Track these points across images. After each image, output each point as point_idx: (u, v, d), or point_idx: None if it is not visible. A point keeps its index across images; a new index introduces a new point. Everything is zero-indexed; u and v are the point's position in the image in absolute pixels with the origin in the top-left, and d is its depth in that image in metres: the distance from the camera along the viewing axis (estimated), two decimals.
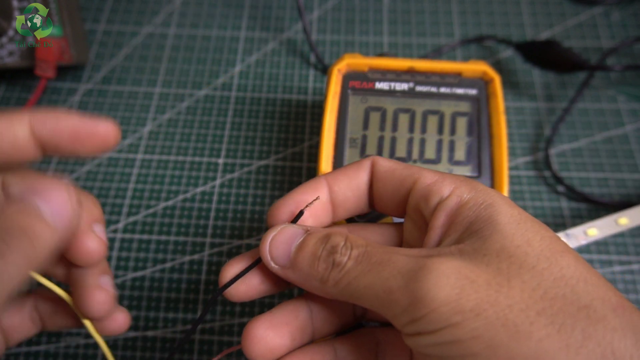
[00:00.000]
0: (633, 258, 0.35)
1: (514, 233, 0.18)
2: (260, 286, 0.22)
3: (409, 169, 0.22)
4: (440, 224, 0.20)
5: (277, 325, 0.21)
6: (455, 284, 0.17)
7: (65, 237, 0.18)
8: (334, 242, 0.20)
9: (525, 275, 0.17)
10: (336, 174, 0.23)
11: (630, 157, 0.39)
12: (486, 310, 0.16)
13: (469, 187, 0.21)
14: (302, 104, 0.42)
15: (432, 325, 0.17)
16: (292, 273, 0.21)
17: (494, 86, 0.32)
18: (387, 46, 0.45)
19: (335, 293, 0.20)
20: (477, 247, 0.18)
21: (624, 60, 0.43)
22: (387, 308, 0.18)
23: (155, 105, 0.42)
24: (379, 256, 0.19)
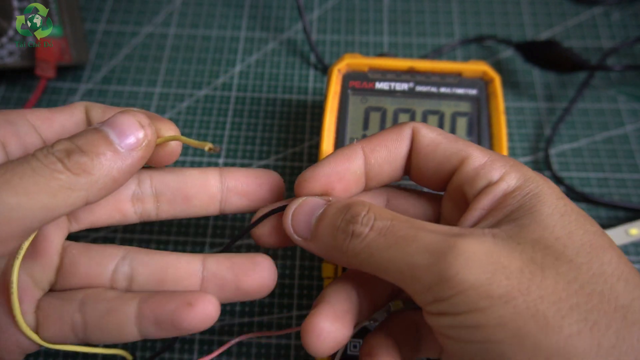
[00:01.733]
0: (633, 258, 0.35)
1: (554, 225, 0.18)
2: (285, 237, 0.22)
3: (455, 143, 0.21)
4: (481, 207, 0.19)
5: (341, 316, 0.20)
6: (486, 268, 0.16)
7: (142, 159, 0.20)
8: (354, 211, 0.19)
9: (561, 267, 0.16)
10: (374, 143, 0.22)
11: (630, 157, 0.39)
12: (516, 298, 0.16)
13: (519, 173, 0.20)
14: (302, 104, 0.42)
15: (457, 308, 0.16)
16: (314, 244, 0.21)
17: (494, 86, 0.32)
18: (387, 46, 0.45)
19: (357, 264, 0.19)
20: (513, 234, 0.18)
21: (624, 60, 0.43)
22: (409, 284, 0.18)
23: (155, 105, 0.42)
24: (406, 230, 0.18)
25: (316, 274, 0.35)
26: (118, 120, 0.20)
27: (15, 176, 0.17)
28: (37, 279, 0.21)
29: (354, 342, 0.28)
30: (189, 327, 0.21)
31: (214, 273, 0.22)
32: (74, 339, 0.21)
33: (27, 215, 0.17)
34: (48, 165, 0.18)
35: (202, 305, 0.21)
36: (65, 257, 0.22)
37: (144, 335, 0.21)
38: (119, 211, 0.23)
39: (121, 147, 0.19)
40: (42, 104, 0.42)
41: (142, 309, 0.21)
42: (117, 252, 0.23)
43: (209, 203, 0.24)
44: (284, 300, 0.34)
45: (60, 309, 0.21)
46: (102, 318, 0.21)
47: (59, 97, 0.42)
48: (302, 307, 0.33)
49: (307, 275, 0.34)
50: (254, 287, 0.22)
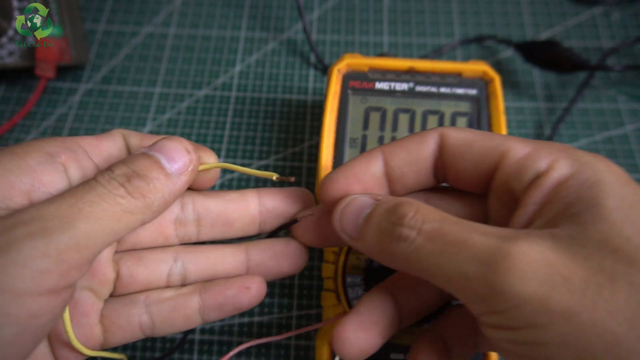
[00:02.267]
0: None
1: (623, 221, 0.15)
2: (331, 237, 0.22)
3: (491, 139, 0.19)
4: (532, 201, 0.18)
5: (366, 326, 0.20)
6: (544, 280, 0.14)
7: (187, 183, 0.22)
8: (401, 212, 0.18)
9: (635, 277, 0.14)
10: (394, 146, 0.21)
11: (630, 157, 0.39)
12: (580, 314, 0.14)
13: (572, 159, 0.18)
14: (302, 104, 0.42)
15: (514, 322, 0.15)
16: (361, 244, 0.20)
17: (494, 86, 0.32)
18: (387, 46, 0.45)
19: (405, 267, 0.18)
20: (574, 235, 0.15)
21: (624, 60, 0.43)
22: (461, 293, 0.16)
23: (155, 106, 0.42)
24: (454, 235, 0.17)
25: (316, 274, 0.35)
26: (166, 146, 0.21)
27: (86, 204, 0.18)
28: (98, 292, 0.23)
29: None
30: (248, 306, 0.24)
31: (258, 262, 0.24)
32: (141, 336, 0.23)
33: (98, 242, 0.18)
34: (112, 191, 0.19)
35: (257, 287, 0.24)
36: (121, 269, 0.23)
37: (205, 320, 0.24)
38: (162, 234, 0.24)
39: (171, 171, 0.21)
40: (42, 104, 0.42)
41: (204, 299, 0.23)
42: (167, 256, 0.24)
43: (250, 225, 0.25)
44: (284, 300, 0.34)
45: (126, 314, 0.23)
46: (169, 314, 0.23)
47: (59, 97, 0.42)
48: (302, 307, 0.33)
49: (307, 275, 0.34)
50: (291, 268, 0.25)
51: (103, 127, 0.41)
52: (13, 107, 0.42)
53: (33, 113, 0.41)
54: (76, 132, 0.40)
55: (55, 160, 0.20)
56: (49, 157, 0.20)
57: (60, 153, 0.21)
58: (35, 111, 0.42)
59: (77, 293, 0.22)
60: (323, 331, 0.28)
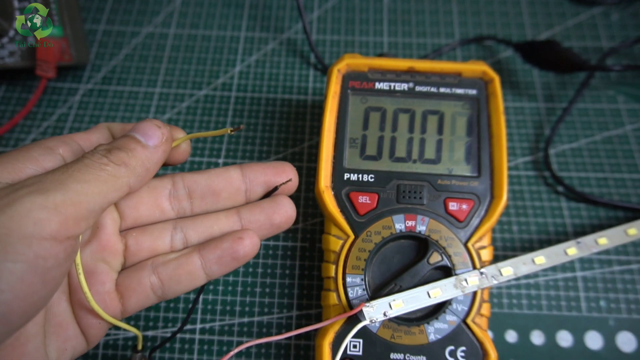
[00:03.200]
0: (632, 258, 0.35)
1: None
2: None
3: None
4: None
5: None
6: None
7: (164, 152, 0.25)
8: None
9: None
10: None
11: (629, 157, 0.39)
12: None
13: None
14: (302, 104, 0.42)
15: None
16: None
17: (494, 86, 0.32)
18: (387, 46, 0.45)
19: None
20: None
21: (623, 61, 0.43)
22: None
23: (155, 106, 0.42)
24: None
25: (316, 273, 0.35)
26: (140, 125, 0.25)
27: (75, 170, 0.22)
28: (111, 263, 0.26)
29: (353, 342, 0.28)
30: (243, 255, 0.26)
31: (250, 220, 0.27)
32: (154, 298, 0.26)
33: (90, 199, 0.21)
34: (96, 160, 0.22)
35: (249, 237, 0.26)
36: (128, 240, 0.27)
37: (210, 276, 0.26)
38: (158, 208, 0.28)
39: (147, 143, 0.24)
40: (43, 104, 0.42)
41: (204, 255, 0.26)
42: (167, 226, 0.27)
43: (236, 194, 0.28)
44: (284, 300, 0.34)
45: (137, 278, 0.26)
46: (175, 272, 0.26)
47: (59, 97, 0.42)
48: (302, 307, 0.33)
49: (307, 275, 0.35)
50: (283, 220, 0.28)
51: None
52: (14, 107, 0.42)
53: (34, 113, 0.42)
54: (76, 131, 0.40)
55: (54, 152, 0.24)
56: (49, 149, 0.24)
57: (59, 146, 0.24)
58: (36, 111, 0.42)
59: (93, 265, 0.25)
60: (323, 331, 0.28)
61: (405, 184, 0.30)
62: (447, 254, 0.29)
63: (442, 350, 0.28)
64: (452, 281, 0.28)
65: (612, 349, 0.32)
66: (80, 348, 0.25)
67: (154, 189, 0.28)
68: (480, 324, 0.28)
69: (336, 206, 0.30)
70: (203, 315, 0.33)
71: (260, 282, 0.34)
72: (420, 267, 0.29)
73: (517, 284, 0.34)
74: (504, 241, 0.36)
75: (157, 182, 0.28)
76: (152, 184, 0.28)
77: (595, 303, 0.33)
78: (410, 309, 0.27)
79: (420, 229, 0.29)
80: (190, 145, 0.28)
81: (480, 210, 0.30)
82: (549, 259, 0.30)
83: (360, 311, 0.27)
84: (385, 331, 0.28)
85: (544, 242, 0.35)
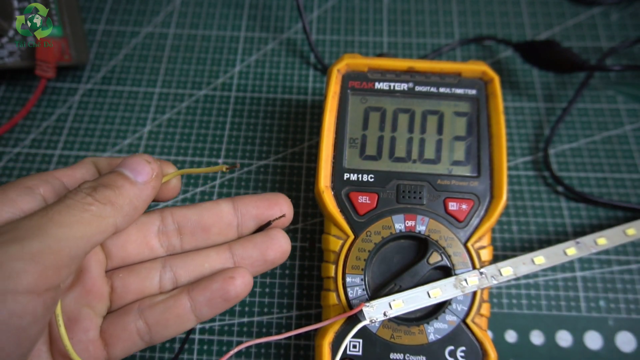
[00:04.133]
0: (632, 258, 0.35)
1: None
2: None
3: None
4: None
5: None
6: None
7: (154, 188, 0.24)
8: None
9: None
10: None
11: (629, 157, 0.39)
12: None
13: None
14: (302, 104, 0.42)
15: None
16: None
17: (494, 86, 0.32)
18: (387, 46, 0.45)
19: None
20: None
21: (623, 61, 0.43)
22: None
23: (155, 106, 0.42)
24: None
25: (316, 274, 0.35)
26: (129, 161, 0.24)
27: (55, 213, 0.20)
28: (95, 308, 0.24)
29: (353, 342, 0.28)
30: (234, 296, 0.25)
31: (242, 256, 0.26)
32: (141, 344, 0.25)
33: (71, 245, 0.20)
34: (79, 201, 0.21)
35: (241, 276, 0.25)
36: (114, 282, 0.25)
37: (200, 318, 0.25)
38: (147, 246, 0.26)
39: (136, 179, 0.23)
40: (42, 104, 0.42)
41: (193, 296, 0.25)
42: (156, 265, 0.26)
43: (227, 229, 0.27)
44: (284, 300, 0.34)
45: (123, 323, 0.24)
46: (163, 316, 0.24)
47: (58, 97, 0.42)
48: (302, 307, 0.33)
49: (307, 275, 0.35)
50: (277, 255, 0.26)
51: (103, 127, 0.41)
52: (13, 107, 0.42)
53: (33, 113, 0.42)
54: (76, 131, 0.40)
55: (34, 192, 0.23)
56: (28, 189, 0.23)
57: (39, 186, 0.23)
58: (36, 111, 0.42)
59: (76, 311, 0.24)
60: (323, 331, 0.28)
61: (405, 184, 0.30)
62: (446, 254, 0.29)
63: (441, 350, 0.28)
64: (452, 281, 0.28)
65: (611, 349, 0.32)
66: None
67: (142, 226, 0.26)
68: (480, 324, 0.28)
69: (336, 206, 0.30)
70: None
71: (260, 282, 0.34)
72: (420, 267, 0.29)
73: (517, 284, 0.34)
74: (503, 241, 0.36)
75: (145, 219, 0.26)
76: (140, 220, 0.26)
77: (595, 303, 0.33)
78: (410, 309, 0.27)
79: (420, 229, 0.29)
80: (180, 181, 0.27)
81: (480, 210, 0.30)
82: (548, 259, 0.30)
83: (360, 311, 0.27)
84: (385, 331, 0.28)
85: (544, 242, 0.36)
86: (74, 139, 0.40)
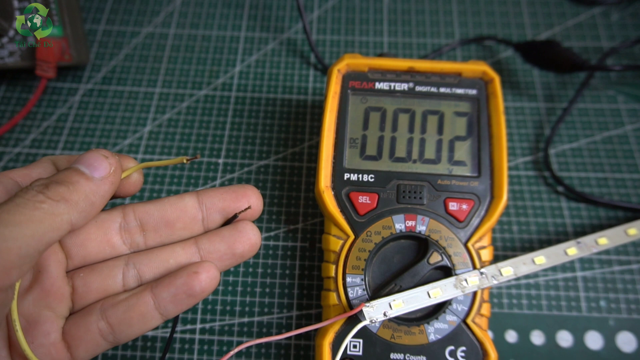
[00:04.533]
0: (632, 258, 0.35)
1: None
2: None
3: None
4: None
5: None
6: None
7: (112, 184, 0.23)
8: None
9: None
10: None
11: (630, 157, 0.39)
12: None
13: None
14: (302, 104, 0.42)
15: None
16: None
17: (494, 86, 0.32)
18: (387, 46, 0.45)
19: None
20: None
21: (623, 61, 0.43)
22: None
23: (155, 105, 0.42)
24: None
25: (316, 274, 0.35)
26: (85, 156, 0.23)
27: (3, 212, 0.19)
28: (56, 310, 0.24)
29: (353, 342, 0.28)
30: (200, 291, 0.24)
31: (209, 250, 0.25)
32: (106, 345, 0.24)
33: (21, 244, 0.19)
34: (30, 199, 0.20)
35: (206, 270, 0.24)
36: (75, 282, 0.24)
37: (165, 316, 0.24)
38: (108, 243, 0.25)
39: (93, 175, 0.22)
40: (43, 104, 0.42)
41: (156, 293, 0.24)
42: (119, 262, 0.25)
43: (192, 224, 0.26)
44: (284, 300, 0.34)
45: (85, 324, 0.24)
46: (125, 315, 0.24)
47: (59, 97, 0.42)
48: (302, 307, 0.33)
49: (307, 275, 0.35)
50: (246, 249, 0.26)
51: (103, 127, 0.41)
52: (13, 107, 0.42)
53: (33, 113, 0.42)
54: (76, 131, 0.40)
55: None
56: None
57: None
58: (36, 111, 0.42)
59: (36, 313, 0.23)
60: (323, 331, 0.28)
61: (405, 184, 0.30)
62: (447, 254, 0.29)
63: (442, 350, 0.28)
64: (452, 281, 0.28)
65: (612, 349, 0.32)
66: None
67: (103, 223, 0.25)
68: (480, 324, 0.28)
69: (336, 206, 0.30)
70: (203, 315, 0.33)
71: (260, 282, 0.34)
72: (420, 267, 0.29)
73: (517, 284, 0.34)
74: (504, 241, 0.36)
75: (105, 216, 0.26)
76: (100, 217, 0.25)
77: (596, 303, 0.33)
78: (410, 309, 0.27)
79: (420, 229, 0.29)
80: (142, 175, 0.26)
81: (480, 210, 0.30)
82: (549, 259, 0.30)
83: (360, 311, 0.27)
84: (385, 331, 0.28)
85: (544, 242, 0.35)
86: (75, 139, 0.40)
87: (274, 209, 0.37)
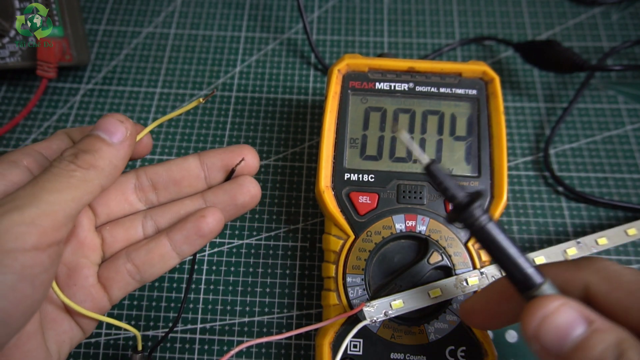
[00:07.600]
0: (632, 258, 0.35)
1: None
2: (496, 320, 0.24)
3: None
4: None
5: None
6: None
7: (130, 146, 0.26)
8: (627, 358, 0.16)
9: None
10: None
11: (630, 157, 0.39)
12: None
13: None
14: (303, 104, 0.42)
15: None
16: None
17: (494, 86, 0.32)
18: (387, 46, 0.45)
19: None
20: None
21: (624, 61, 0.43)
22: None
23: (155, 106, 0.42)
24: None
25: (316, 274, 0.35)
26: (102, 122, 0.25)
27: (45, 182, 0.22)
28: (90, 258, 0.27)
29: (354, 342, 0.28)
30: (208, 232, 0.28)
31: (214, 202, 0.29)
32: (135, 283, 0.28)
33: (64, 207, 0.22)
34: (64, 168, 0.23)
35: (212, 214, 0.28)
36: (103, 234, 0.28)
37: (182, 255, 0.28)
38: (127, 201, 0.29)
39: (112, 140, 0.25)
40: (43, 104, 0.42)
41: (171, 237, 0.28)
42: (138, 216, 0.29)
43: (196, 182, 0.29)
44: (284, 300, 0.34)
45: (114, 267, 0.27)
46: (147, 257, 0.27)
47: (59, 97, 0.42)
48: (302, 307, 0.33)
49: (307, 275, 0.35)
50: (247, 199, 0.29)
51: None
52: (14, 108, 0.42)
53: (34, 113, 0.42)
54: None
55: (19, 164, 0.25)
56: (13, 163, 0.25)
57: (22, 159, 0.25)
58: (37, 111, 0.42)
59: (75, 262, 0.27)
60: (323, 331, 0.28)
61: (406, 184, 0.30)
62: (447, 254, 0.29)
63: (442, 350, 0.28)
64: (453, 281, 0.28)
65: None
66: (77, 338, 0.27)
67: (120, 185, 0.29)
68: None
69: (336, 206, 0.30)
70: (203, 315, 0.33)
71: (261, 282, 0.34)
72: (420, 267, 0.29)
73: None
74: None
75: (122, 178, 0.29)
76: (118, 180, 0.29)
77: None
78: (411, 308, 0.27)
79: (421, 229, 0.29)
80: (151, 138, 0.29)
81: None
82: (549, 259, 0.30)
83: (360, 311, 0.27)
84: (386, 331, 0.28)
85: (544, 242, 0.36)
86: None
87: (274, 209, 0.37)
